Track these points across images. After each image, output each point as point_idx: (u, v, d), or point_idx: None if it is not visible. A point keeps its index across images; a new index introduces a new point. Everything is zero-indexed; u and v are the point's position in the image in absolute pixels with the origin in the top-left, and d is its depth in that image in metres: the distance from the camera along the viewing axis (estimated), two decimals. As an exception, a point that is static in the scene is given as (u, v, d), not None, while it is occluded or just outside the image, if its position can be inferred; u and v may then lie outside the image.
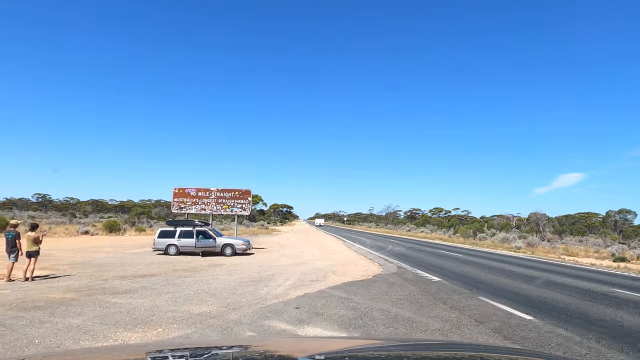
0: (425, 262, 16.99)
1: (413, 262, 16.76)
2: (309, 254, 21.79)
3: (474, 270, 14.93)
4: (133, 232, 38.26)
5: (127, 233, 37.47)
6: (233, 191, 24.65)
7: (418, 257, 19.45)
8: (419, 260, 18.16)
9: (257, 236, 43.85)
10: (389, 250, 23.73)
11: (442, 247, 29.20)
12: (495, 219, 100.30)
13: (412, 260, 18.04)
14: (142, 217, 54.35)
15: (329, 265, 15.70)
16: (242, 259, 18.86)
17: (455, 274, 13.66)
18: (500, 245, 37.04)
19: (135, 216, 52.50)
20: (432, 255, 21.16)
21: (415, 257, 19.42)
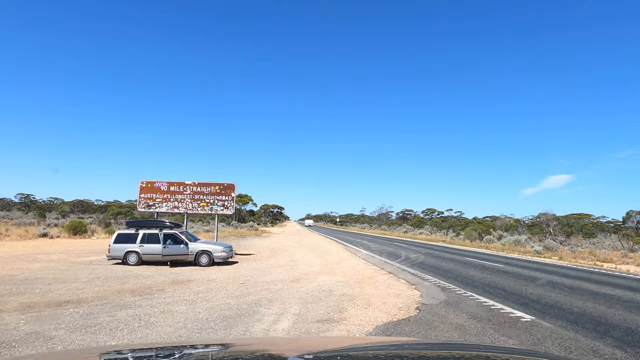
0: (468, 278, 12.57)
1: (452, 279, 12.28)
2: (307, 262, 17.35)
3: (558, 295, 10.57)
4: (103, 235, 33.39)
5: (94, 235, 32.60)
6: (213, 185, 20.09)
7: (449, 269, 15.07)
8: (455, 273, 13.77)
9: (245, 239, 39.26)
10: (404, 258, 19.31)
11: (460, 252, 24.96)
12: (488, 219, 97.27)
13: (446, 274, 13.64)
14: (119, 217, 49.35)
15: (339, 284, 11.27)
16: (221, 272, 14.37)
17: (537, 302, 8.88)
18: (514, 249, 33.08)
19: (111, 216, 47.50)
20: (462, 265, 16.81)
21: (446, 269, 15.04)
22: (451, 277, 12.72)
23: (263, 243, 31.91)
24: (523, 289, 10.70)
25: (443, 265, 16.10)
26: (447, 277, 12.72)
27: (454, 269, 14.88)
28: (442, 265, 16.36)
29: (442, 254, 22.62)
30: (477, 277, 12.90)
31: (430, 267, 15.31)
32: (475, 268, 15.65)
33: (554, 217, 45.87)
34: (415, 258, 19.07)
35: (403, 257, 19.19)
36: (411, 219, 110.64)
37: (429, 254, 22.00)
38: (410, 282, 11.32)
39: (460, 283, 11.38)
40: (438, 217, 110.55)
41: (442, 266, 15.88)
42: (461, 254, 23.67)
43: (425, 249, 26.41)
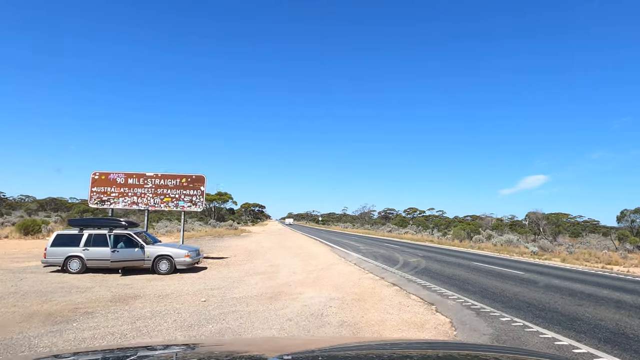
0: (497, 294, 9.69)
1: (477, 294, 9.34)
2: (289, 268, 14.53)
3: (609, 313, 8.10)
4: (61, 234, 29.76)
5: (50, 235, 28.93)
6: (179, 178, 17.02)
7: (464, 278, 12.35)
8: (475, 285, 10.99)
9: (222, 239, 36.12)
10: (402, 262, 16.54)
11: (459, 255, 22.52)
12: (469, 218, 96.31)
13: (464, 285, 10.84)
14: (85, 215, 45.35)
15: (333, 302, 8.49)
16: (182, 282, 11.43)
17: (622, 334, 6.50)
18: (509, 249, 31.06)
19: (77, 214, 43.54)
20: (475, 272, 14.14)
21: (459, 278, 12.30)
22: (474, 290, 10.05)
23: (241, 244, 28.89)
24: (579, 311, 8.13)
25: (454, 273, 13.45)
26: (468, 290, 10.04)
27: (470, 279, 12.24)
28: (452, 272, 13.72)
29: (443, 257, 20.10)
30: (506, 291, 10.27)
31: (439, 276, 12.65)
32: (493, 276, 13.08)
33: (544, 216, 44.23)
34: (416, 263, 16.43)
35: (401, 262, 16.52)
36: (393, 218, 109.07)
37: (427, 257, 19.41)
38: (426, 299, 8.59)
39: (492, 301, 8.71)
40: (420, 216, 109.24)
41: (452, 274, 13.24)
42: (461, 256, 21.23)
43: (420, 251, 23.90)
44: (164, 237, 35.14)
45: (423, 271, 13.68)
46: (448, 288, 10.18)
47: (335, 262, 16.20)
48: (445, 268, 14.82)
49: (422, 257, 18.84)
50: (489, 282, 11.67)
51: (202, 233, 42.74)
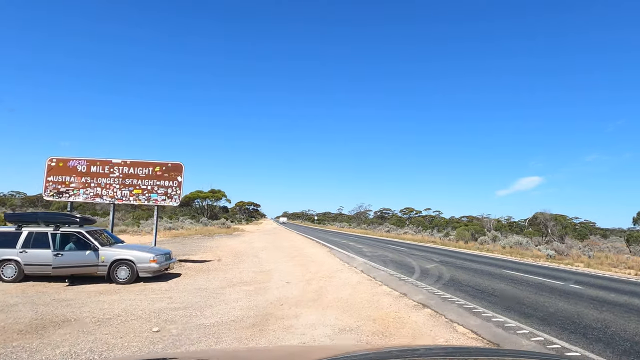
0: (571, 320, 7.09)
1: (552, 324, 6.50)
2: (282, 277, 11.70)
3: None
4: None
5: None
6: (152, 166, 14.14)
7: (512, 295, 9.30)
8: (537, 307, 7.94)
9: (212, 238, 33.22)
10: (419, 270, 13.52)
11: (476, 259, 19.77)
12: (464, 219, 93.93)
13: (524, 309, 7.82)
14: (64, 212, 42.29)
15: (346, 338, 5.68)
16: (139, 297, 8.59)
17: None
18: (521, 252, 28.50)
19: (56, 210, 40.50)
20: (515, 284, 11.14)
21: (507, 295, 9.22)
22: (542, 317, 7.17)
23: (230, 244, 26.02)
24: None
25: (492, 287, 10.53)
26: (533, 317, 7.11)
27: (520, 296, 9.28)
28: (489, 285, 10.81)
29: (462, 262, 17.29)
30: (581, 316, 7.51)
31: (476, 291, 9.74)
32: (541, 291, 10.25)
33: (552, 217, 41.70)
34: (436, 270, 13.57)
35: (417, 269, 13.63)
36: (389, 218, 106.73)
37: (445, 262, 16.56)
38: (484, 334, 5.73)
39: (581, 338, 5.93)
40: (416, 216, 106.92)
41: (491, 288, 10.34)
42: (481, 261, 18.51)
43: (432, 254, 21.10)
44: (146, 237, 32.21)
45: (451, 283, 10.85)
46: (503, 312, 7.34)
47: (338, 268, 13.36)
48: (476, 278, 12.00)
49: (438, 263, 16.04)
50: (547, 300, 8.84)
51: (191, 231, 39.80)
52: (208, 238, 32.92)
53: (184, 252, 19.49)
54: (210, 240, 30.35)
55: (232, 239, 31.73)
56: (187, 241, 28.48)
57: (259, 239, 32.02)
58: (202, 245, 24.24)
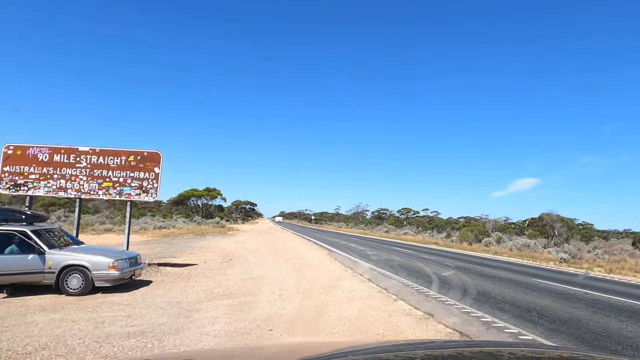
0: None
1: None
2: (274, 286, 9.69)
3: None
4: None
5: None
6: (124, 154, 12.09)
7: (564, 316, 7.20)
8: (612, 336, 6.29)
9: (204, 238, 31.16)
10: (438, 279, 11.47)
11: (492, 264, 17.80)
12: (462, 220, 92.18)
13: (587, 337, 6.03)
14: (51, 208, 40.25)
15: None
16: (86, 316, 6.58)
17: None
18: (530, 255, 26.70)
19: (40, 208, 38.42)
20: (553, 297, 9.01)
21: (562, 318, 7.25)
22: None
23: (222, 244, 23.97)
24: None
25: (536, 304, 8.39)
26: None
27: (582, 318, 7.18)
28: (530, 301, 8.68)
29: (481, 268, 15.26)
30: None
31: (519, 309, 7.63)
32: (611, 312, 8.34)
33: (559, 218, 39.89)
34: (455, 279, 11.49)
35: (434, 278, 11.53)
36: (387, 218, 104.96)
37: (460, 268, 14.52)
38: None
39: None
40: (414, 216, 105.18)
41: (535, 305, 8.21)
42: (498, 266, 16.56)
43: (442, 258, 19.09)
44: (134, 236, 30.13)
45: (483, 298, 8.81)
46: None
47: (340, 275, 11.34)
48: (508, 290, 9.95)
49: (454, 269, 14.02)
50: (631, 328, 6.88)
51: (183, 231, 37.71)
52: (199, 238, 30.88)
53: (168, 253, 17.46)
54: (201, 240, 28.30)
55: (224, 239, 29.70)
56: (175, 241, 26.43)
57: (253, 239, 30.00)
58: (190, 246, 22.21)
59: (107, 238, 25.26)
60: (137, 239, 26.70)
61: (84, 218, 40.68)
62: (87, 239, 24.48)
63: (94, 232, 28.35)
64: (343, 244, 26.81)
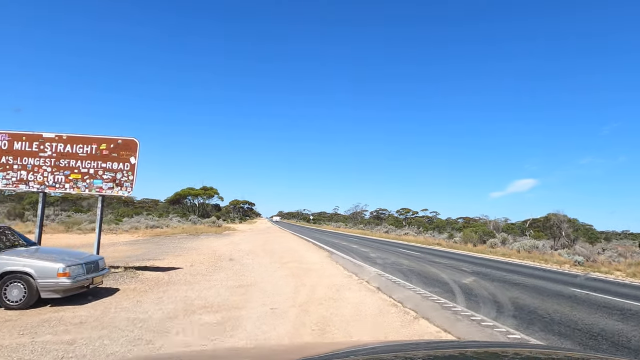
0: None
1: None
2: (266, 298, 8.06)
3: None
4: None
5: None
6: (96, 142, 10.45)
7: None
8: None
9: (198, 237, 29.53)
10: (459, 288, 9.64)
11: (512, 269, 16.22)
12: (461, 220, 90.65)
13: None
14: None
15: None
16: (13, 345, 4.93)
17: None
18: (541, 257, 25.21)
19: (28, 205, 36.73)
20: (611, 315, 7.63)
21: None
22: None
23: (215, 245, 22.34)
24: None
25: (596, 325, 6.77)
26: None
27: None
28: (584, 320, 6.90)
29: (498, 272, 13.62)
30: None
31: (580, 333, 6.08)
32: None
33: (566, 218, 38.36)
34: (479, 288, 9.77)
35: (455, 288, 9.73)
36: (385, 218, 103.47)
37: (479, 274, 12.77)
38: None
39: None
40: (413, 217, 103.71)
41: (595, 326, 6.61)
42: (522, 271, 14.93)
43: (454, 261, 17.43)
44: (124, 236, 28.46)
45: (525, 315, 7.09)
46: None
47: (343, 283, 9.71)
48: (550, 304, 8.24)
49: (473, 274, 12.30)
50: None
51: (176, 230, 36.05)
52: (192, 238, 29.25)
53: (152, 255, 15.85)
54: (193, 240, 26.66)
55: (218, 239, 28.07)
56: (166, 241, 24.80)
57: (249, 240, 28.37)
58: (180, 247, 20.59)
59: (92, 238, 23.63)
60: (125, 239, 25.06)
61: (74, 217, 38.99)
62: (69, 239, 22.84)
63: (80, 231, 26.67)
64: (344, 245, 25.20)
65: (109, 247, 19.79)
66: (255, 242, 26.43)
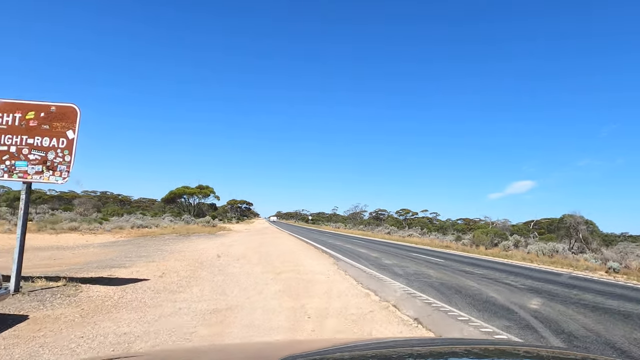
0: None
1: None
2: (250, 331, 5.19)
3: None
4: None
5: None
6: (20, 110, 7.52)
7: None
8: None
9: (188, 238, 26.65)
10: (539, 320, 6.69)
11: (551, 278, 13.39)
12: (460, 221, 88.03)
13: None
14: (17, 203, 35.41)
15: None
16: None
17: None
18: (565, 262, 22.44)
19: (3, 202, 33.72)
20: None
21: None
22: None
23: (201, 247, 19.42)
24: None
25: None
26: None
27: None
28: None
29: (554, 287, 10.68)
30: None
31: None
32: None
33: (583, 220, 35.56)
34: (559, 317, 6.59)
35: (527, 317, 6.56)
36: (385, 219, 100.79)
37: (537, 291, 9.78)
38: None
39: None
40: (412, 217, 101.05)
41: None
42: (571, 283, 12.07)
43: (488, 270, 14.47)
44: (105, 236, 25.52)
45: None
46: None
47: (363, 309, 6.75)
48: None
49: (533, 293, 9.31)
50: None
51: (166, 230, 33.10)
52: (181, 239, 26.34)
53: (120, 261, 12.94)
54: (181, 241, 23.75)
55: (209, 241, 25.16)
56: (149, 242, 21.88)
57: (242, 241, 25.45)
58: (162, 249, 17.70)
59: (64, 239, 20.69)
60: (103, 240, 22.16)
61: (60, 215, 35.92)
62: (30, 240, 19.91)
63: (53, 231, 23.73)
64: (348, 249, 22.27)
65: (77, 249, 16.88)
66: (250, 244, 23.52)
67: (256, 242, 25.07)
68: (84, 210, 39.24)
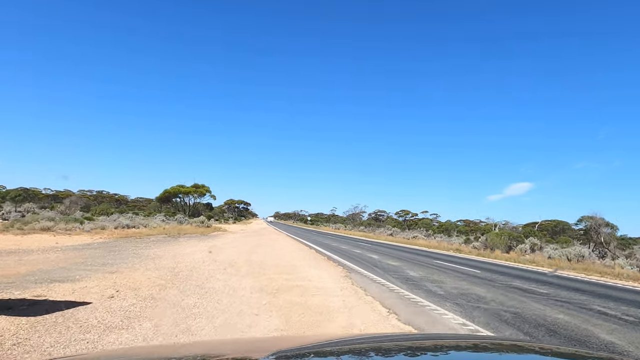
0: None
1: None
2: None
3: None
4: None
5: None
6: None
7: None
8: None
9: (176, 240, 23.70)
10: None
11: (613, 294, 10.50)
12: (460, 223, 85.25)
13: None
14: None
15: None
16: None
17: None
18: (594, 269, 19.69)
19: None
20: None
21: None
22: None
23: (186, 252, 16.42)
24: None
25: None
26: None
27: None
28: None
29: (624, 307, 7.85)
30: None
31: None
32: None
33: (604, 222, 32.73)
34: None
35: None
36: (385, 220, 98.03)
37: (608, 317, 6.99)
38: None
39: None
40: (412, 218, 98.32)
41: None
42: (636, 300, 9.17)
43: (551, 288, 11.58)
44: (80, 237, 22.48)
45: None
46: None
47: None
48: None
49: (613, 319, 6.51)
50: None
51: (154, 231, 30.03)
52: (169, 240, 23.36)
53: (76, 270, 9.97)
54: (167, 244, 20.76)
55: (199, 243, 22.19)
56: (129, 245, 18.87)
57: (235, 244, 22.47)
58: (138, 254, 14.72)
59: (26, 241, 17.64)
60: (78, 242, 19.15)
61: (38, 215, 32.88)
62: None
63: (20, 231, 20.67)
64: (358, 254, 19.22)
65: (31, 254, 13.82)
66: (243, 247, 20.53)
67: (251, 245, 22.08)
68: (66, 208, 36.09)
